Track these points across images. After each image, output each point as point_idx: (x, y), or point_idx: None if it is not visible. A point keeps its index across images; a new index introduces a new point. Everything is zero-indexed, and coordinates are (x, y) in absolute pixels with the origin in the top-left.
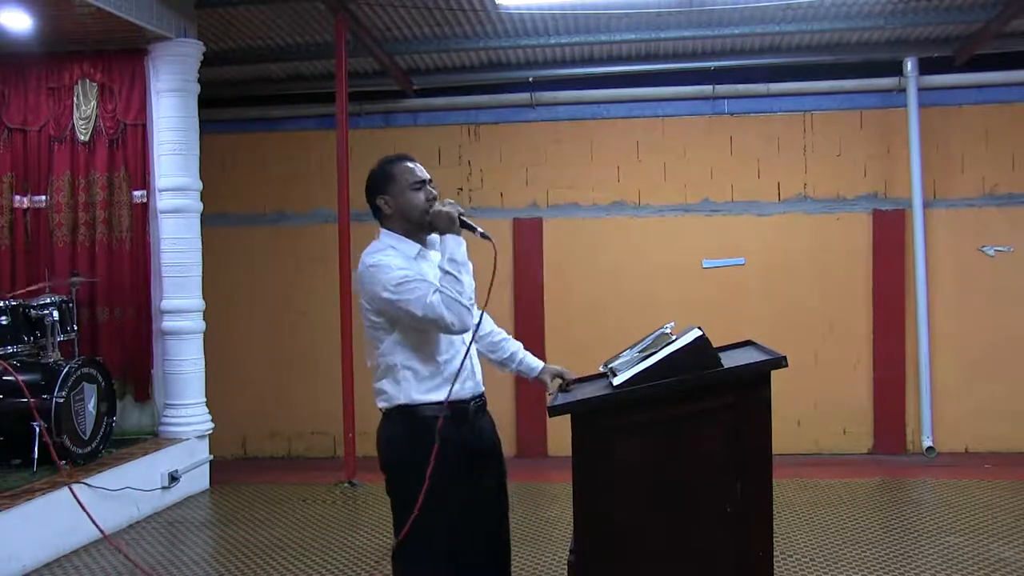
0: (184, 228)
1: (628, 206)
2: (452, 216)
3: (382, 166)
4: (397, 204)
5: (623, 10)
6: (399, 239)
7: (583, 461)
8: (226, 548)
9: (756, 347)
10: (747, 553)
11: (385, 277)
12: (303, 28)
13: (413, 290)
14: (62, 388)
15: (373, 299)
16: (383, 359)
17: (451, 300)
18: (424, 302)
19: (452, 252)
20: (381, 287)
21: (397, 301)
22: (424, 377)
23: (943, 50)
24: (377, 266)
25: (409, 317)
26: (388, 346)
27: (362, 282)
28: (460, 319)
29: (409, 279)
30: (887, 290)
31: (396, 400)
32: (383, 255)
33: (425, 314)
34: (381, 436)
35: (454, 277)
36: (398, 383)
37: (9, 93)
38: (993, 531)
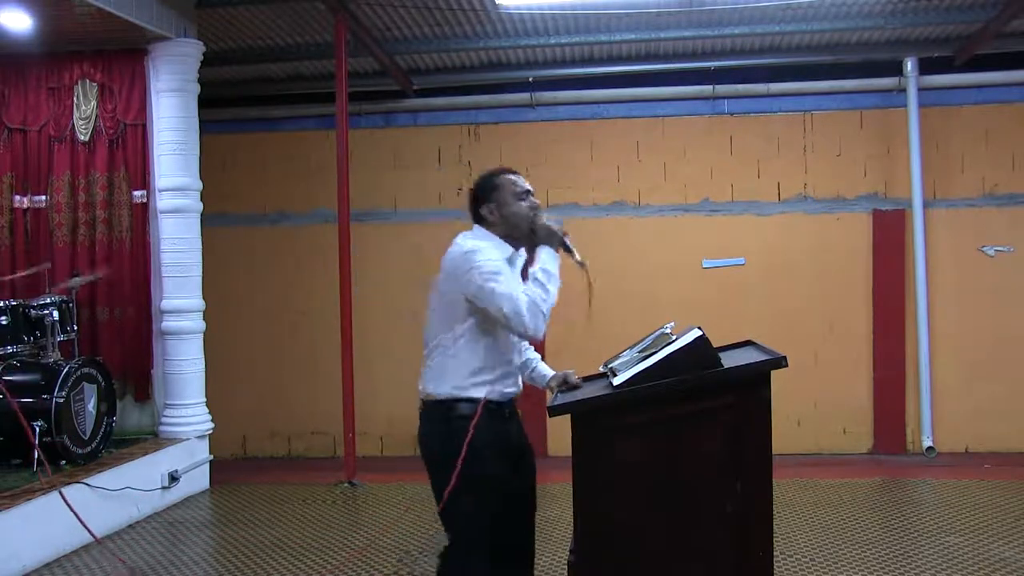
0: (184, 228)
1: (628, 206)
2: (555, 232)
3: (488, 177)
4: (502, 213)
5: (623, 10)
6: (493, 238)
7: (583, 461)
8: (226, 548)
9: (756, 347)
10: (747, 553)
11: (481, 262)
12: (303, 28)
13: (504, 283)
14: (62, 388)
15: (463, 282)
16: (442, 342)
17: (534, 305)
18: (511, 297)
19: (546, 264)
20: (476, 272)
21: (486, 288)
22: (475, 370)
23: (943, 50)
24: (476, 251)
25: (492, 308)
26: (456, 335)
27: (454, 263)
28: (536, 326)
29: (501, 271)
30: (887, 290)
31: (442, 392)
32: (481, 242)
33: (508, 310)
34: (423, 431)
35: (543, 286)
36: (449, 373)
37: (9, 93)
38: (993, 531)
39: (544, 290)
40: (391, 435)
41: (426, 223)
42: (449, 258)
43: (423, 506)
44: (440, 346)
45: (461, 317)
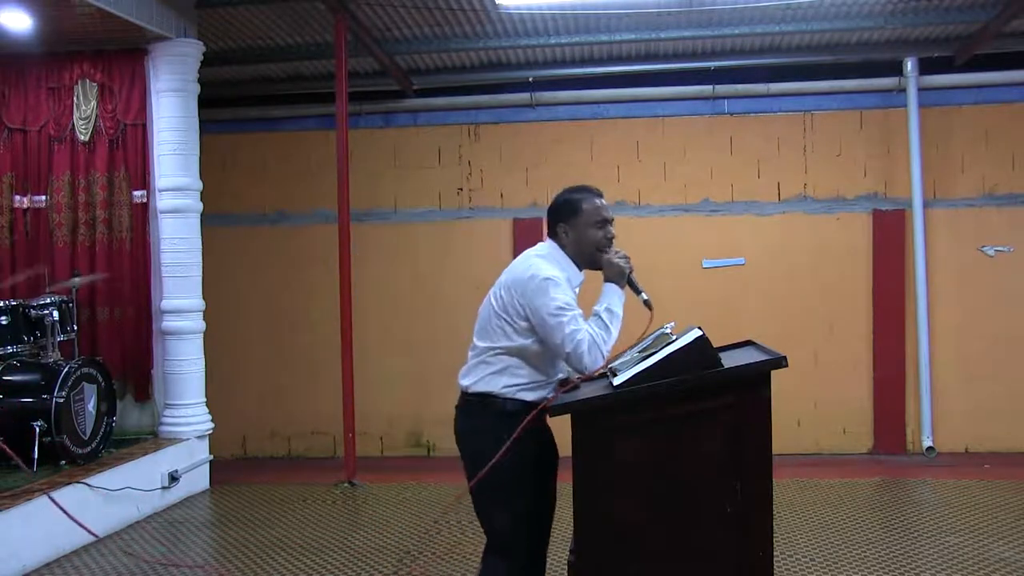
0: (184, 228)
1: (628, 206)
2: (623, 271)
3: (571, 195)
4: (576, 235)
5: (623, 10)
6: (569, 264)
7: (583, 461)
8: (226, 548)
9: (756, 347)
10: (747, 553)
11: (554, 295)
12: (303, 28)
13: (569, 322)
14: (62, 388)
15: (532, 309)
16: (500, 352)
17: (595, 346)
18: (574, 339)
19: (612, 304)
20: (548, 302)
21: (552, 323)
22: (528, 382)
23: (943, 50)
24: (551, 281)
25: (554, 341)
26: (513, 346)
27: (528, 286)
28: (594, 363)
29: (570, 309)
30: (887, 290)
31: (485, 388)
32: (559, 272)
33: (570, 349)
34: (468, 427)
35: (606, 326)
36: (498, 376)
37: (9, 93)
38: (993, 531)
39: (606, 330)
40: (391, 435)
41: (426, 223)
42: (521, 275)
43: (423, 506)
44: (490, 352)
45: (523, 334)
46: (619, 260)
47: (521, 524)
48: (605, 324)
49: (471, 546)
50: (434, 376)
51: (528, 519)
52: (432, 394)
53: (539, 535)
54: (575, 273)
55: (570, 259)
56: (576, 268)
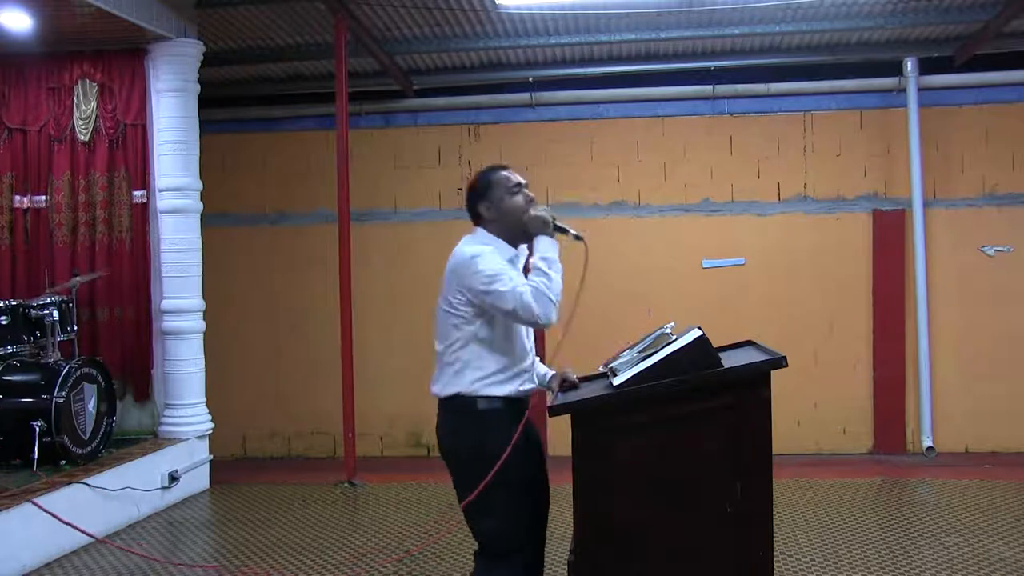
0: (184, 228)
1: (628, 206)
2: (546, 219)
3: (482, 176)
4: (499, 209)
5: (623, 10)
6: (495, 239)
7: (583, 461)
8: (226, 548)
9: (756, 347)
10: (747, 553)
11: (483, 267)
12: (303, 28)
13: (506, 282)
14: (62, 388)
15: (467, 288)
16: (456, 349)
17: (540, 294)
18: (515, 293)
19: (544, 251)
20: (476, 278)
21: (490, 292)
22: (492, 372)
23: (943, 50)
24: (479, 256)
25: (500, 308)
26: (464, 338)
27: (458, 270)
28: (546, 313)
29: (503, 273)
30: (887, 290)
31: (454, 389)
32: (483, 247)
33: (515, 307)
34: (444, 430)
35: (545, 272)
36: (461, 375)
37: (9, 93)
38: (993, 531)
39: (546, 276)
40: (391, 435)
41: (426, 223)
42: (452, 264)
43: (423, 506)
44: (449, 351)
45: (470, 320)
46: (538, 212)
47: (520, 527)
48: (543, 271)
49: (471, 546)
50: None
51: (525, 520)
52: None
53: (537, 535)
54: (505, 248)
55: (499, 237)
56: (507, 244)
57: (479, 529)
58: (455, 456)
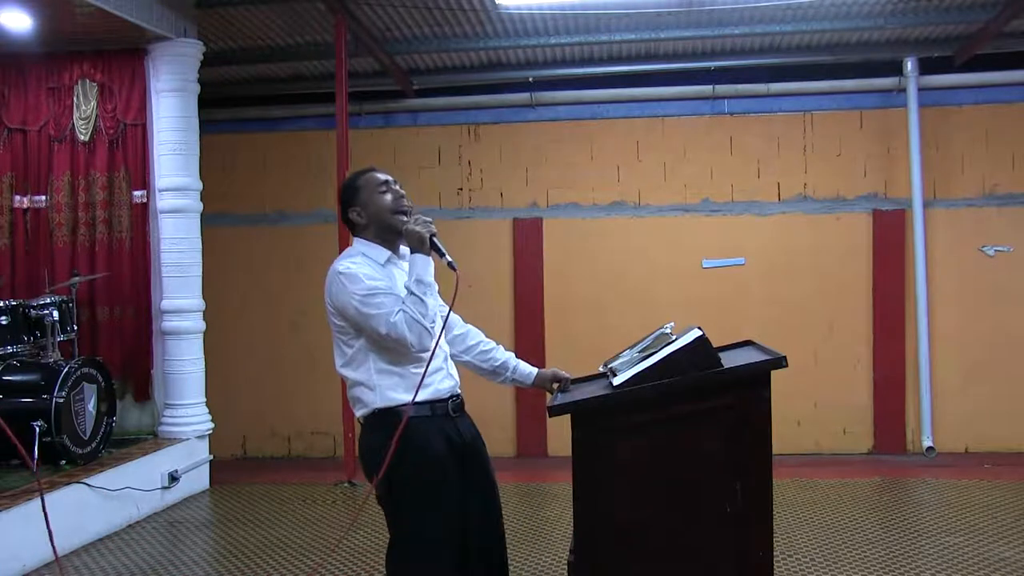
0: (184, 228)
1: (628, 206)
2: (423, 236)
3: (348, 181)
4: (367, 212)
5: (623, 10)
6: (369, 245)
7: (583, 461)
8: (226, 548)
9: (756, 347)
10: (747, 553)
11: (353, 287)
12: (303, 28)
13: (380, 305)
14: (62, 388)
15: (341, 308)
16: (354, 367)
17: (413, 321)
18: (388, 320)
19: (419, 273)
20: (348, 296)
21: (363, 314)
22: (398, 379)
23: (943, 50)
24: (347, 275)
25: (373, 332)
26: (358, 352)
27: (331, 289)
28: (420, 341)
29: (378, 291)
30: (887, 290)
31: (374, 405)
32: (352, 261)
33: (388, 332)
34: (363, 445)
35: (419, 299)
36: (373, 388)
37: (9, 93)
38: (993, 531)
39: (421, 303)
40: None
41: None
42: (326, 284)
43: None
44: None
45: (355, 335)
46: (418, 226)
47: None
48: (418, 298)
49: None
50: None
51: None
52: None
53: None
54: (378, 252)
55: (375, 243)
56: (381, 248)
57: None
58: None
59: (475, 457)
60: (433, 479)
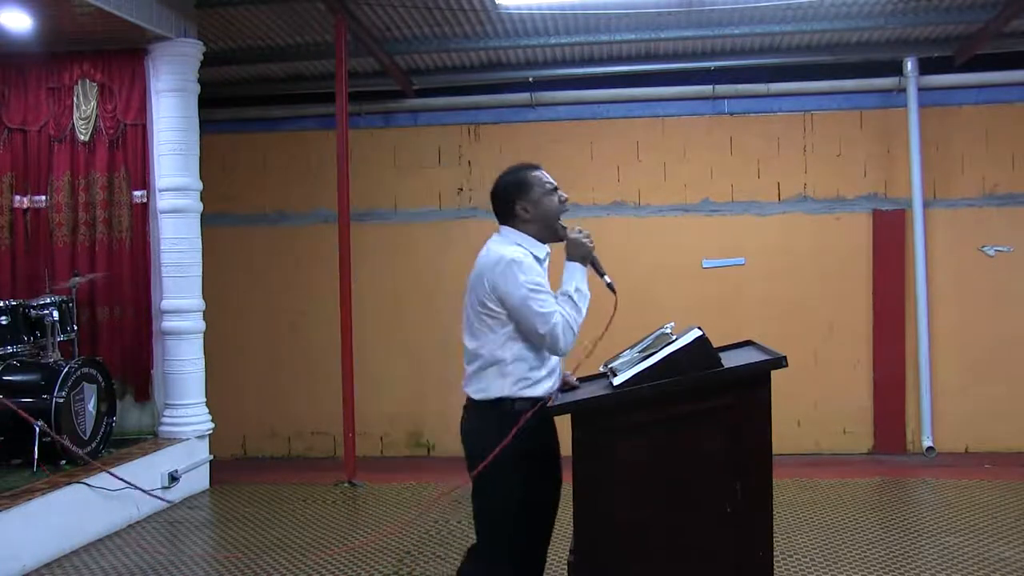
0: (184, 228)
1: (628, 206)
2: (587, 251)
3: (515, 174)
4: (537, 209)
5: (623, 10)
6: (526, 238)
7: (583, 461)
8: (226, 548)
9: (756, 347)
10: (747, 553)
11: (524, 278)
12: (303, 28)
13: (543, 303)
14: (62, 388)
15: (503, 294)
16: (492, 350)
17: (568, 328)
18: (548, 321)
19: (580, 283)
20: (519, 286)
21: (528, 307)
22: (528, 373)
23: (943, 50)
24: (518, 263)
25: (529, 324)
26: (501, 338)
27: (496, 272)
28: (568, 346)
29: (542, 289)
30: (887, 290)
31: (497, 393)
32: (521, 252)
33: (545, 332)
34: (474, 427)
35: (576, 306)
36: (504, 376)
37: (9, 93)
38: (993, 531)
39: (577, 310)
40: (391, 435)
41: (426, 223)
42: (489, 264)
43: (422, 506)
44: (485, 353)
45: (504, 323)
46: (584, 239)
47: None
48: (575, 304)
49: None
50: (434, 376)
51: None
52: (432, 394)
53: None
54: (539, 248)
55: (531, 236)
56: (539, 244)
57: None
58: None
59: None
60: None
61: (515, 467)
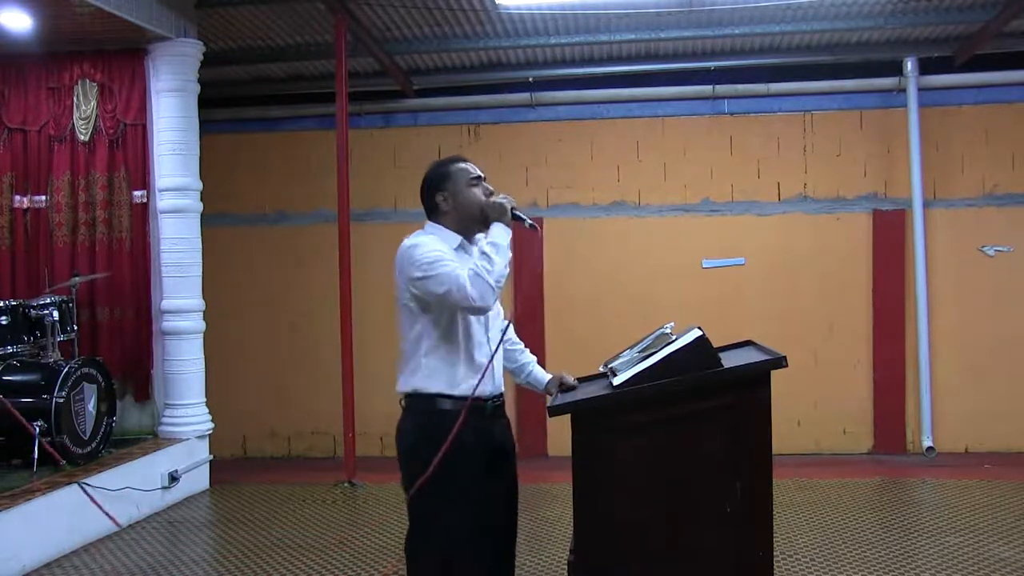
0: (184, 228)
1: (628, 206)
2: (505, 206)
3: (439, 166)
4: (456, 200)
5: (623, 10)
6: (441, 229)
7: (583, 461)
8: (226, 548)
9: (756, 347)
10: (747, 553)
11: (419, 255)
12: (303, 28)
13: (443, 266)
14: (62, 388)
15: (407, 279)
16: (409, 345)
17: (477, 276)
18: (451, 275)
19: (495, 237)
20: (415, 266)
21: (425, 277)
22: (446, 369)
23: (943, 50)
24: (415, 245)
25: (434, 295)
26: (417, 332)
27: (398, 262)
28: (482, 296)
29: (442, 258)
30: (887, 290)
31: (414, 387)
32: (423, 237)
33: (449, 287)
34: (399, 425)
35: (488, 256)
36: (418, 371)
37: (9, 93)
38: (993, 531)
39: (488, 260)
40: (391, 435)
41: None
42: (397, 258)
43: None
44: (411, 347)
45: (417, 315)
46: (500, 200)
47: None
48: (487, 255)
49: None
50: None
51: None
52: None
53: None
54: (453, 237)
55: (452, 231)
56: (454, 234)
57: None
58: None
59: (504, 460)
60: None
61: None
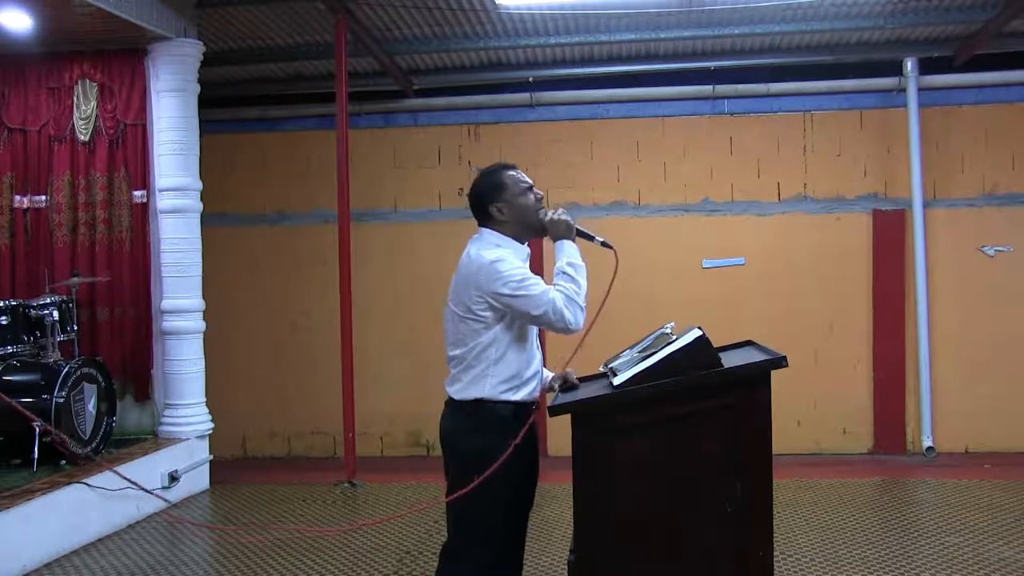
0: (184, 228)
1: (628, 206)
2: (570, 224)
3: (491, 175)
4: (512, 211)
5: (623, 10)
6: (506, 240)
7: (583, 461)
8: (226, 548)
9: (756, 347)
10: (747, 553)
11: (507, 273)
12: (303, 28)
13: (533, 287)
14: (62, 388)
15: (489, 294)
16: (473, 353)
17: (570, 301)
18: (545, 299)
19: (570, 256)
20: (502, 283)
21: (517, 297)
22: (508, 377)
23: (943, 50)
24: (500, 261)
25: (527, 315)
26: (485, 341)
27: (479, 275)
28: (576, 319)
29: (528, 276)
30: (887, 290)
31: (477, 394)
32: (502, 252)
33: (544, 311)
34: (452, 426)
35: (572, 278)
36: (484, 378)
37: (9, 93)
38: (993, 531)
39: (575, 282)
40: (391, 435)
41: (426, 223)
42: (471, 269)
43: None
44: (475, 355)
45: (490, 325)
46: (559, 216)
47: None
48: (571, 276)
49: None
50: (434, 376)
51: (506, 522)
52: (432, 394)
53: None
54: (519, 248)
55: (509, 237)
56: (518, 244)
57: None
58: (462, 456)
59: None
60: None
61: (505, 471)
